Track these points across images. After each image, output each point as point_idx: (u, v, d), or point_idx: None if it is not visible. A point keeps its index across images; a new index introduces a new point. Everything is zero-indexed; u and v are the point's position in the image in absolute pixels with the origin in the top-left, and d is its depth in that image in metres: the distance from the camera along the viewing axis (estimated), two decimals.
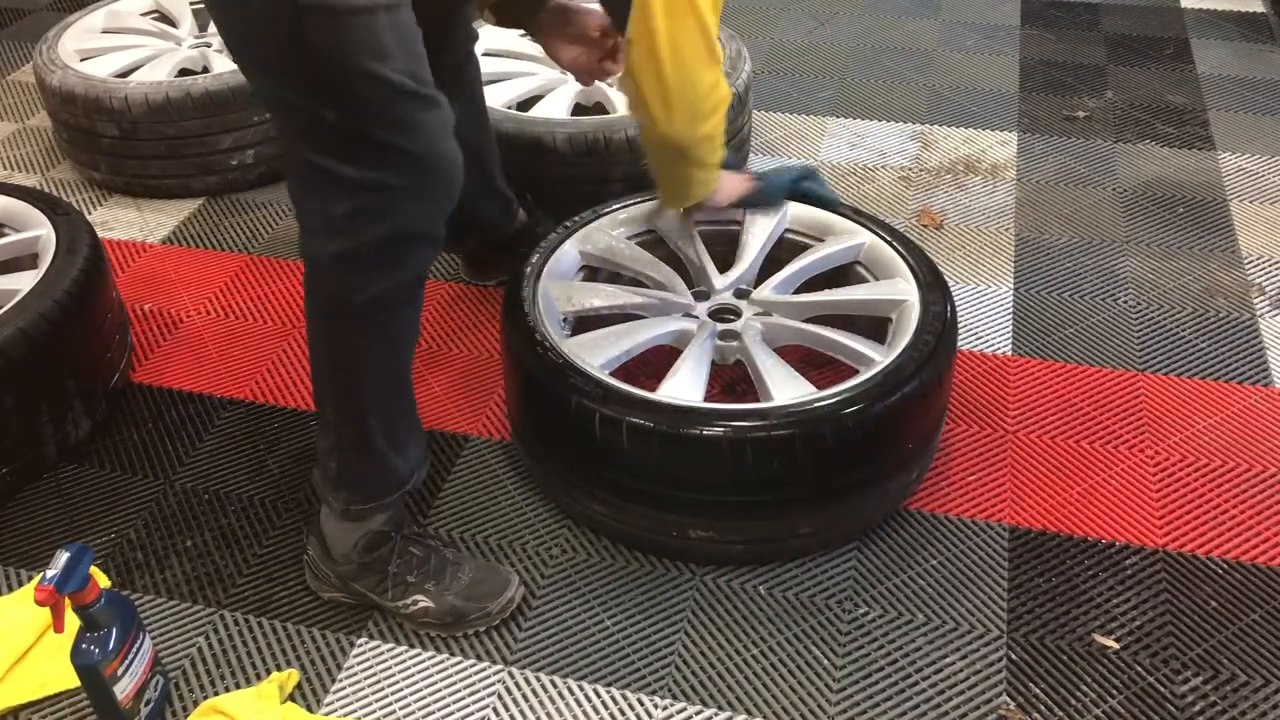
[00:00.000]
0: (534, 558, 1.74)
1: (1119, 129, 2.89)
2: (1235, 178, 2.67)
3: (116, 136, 2.55)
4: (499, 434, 1.96)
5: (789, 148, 2.83)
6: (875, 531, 1.76)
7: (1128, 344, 2.15)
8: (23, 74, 3.29)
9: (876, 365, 1.66)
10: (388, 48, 1.24)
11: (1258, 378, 2.06)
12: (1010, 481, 1.85)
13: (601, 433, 1.58)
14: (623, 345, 1.77)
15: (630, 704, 1.53)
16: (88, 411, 1.93)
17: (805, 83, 3.15)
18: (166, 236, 2.53)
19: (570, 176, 2.33)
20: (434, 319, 2.25)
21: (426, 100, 1.30)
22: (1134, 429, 1.95)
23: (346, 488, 1.54)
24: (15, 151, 2.89)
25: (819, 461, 1.58)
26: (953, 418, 1.97)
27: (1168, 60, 3.25)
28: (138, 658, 1.45)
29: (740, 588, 1.68)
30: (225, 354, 2.17)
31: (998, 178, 2.69)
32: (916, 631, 1.61)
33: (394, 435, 1.52)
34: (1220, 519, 1.77)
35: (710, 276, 1.94)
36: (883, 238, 1.93)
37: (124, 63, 2.76)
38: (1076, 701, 1.52)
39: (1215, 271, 2.35)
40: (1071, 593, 1.66)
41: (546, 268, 1.87)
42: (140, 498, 1.86)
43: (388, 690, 1.55)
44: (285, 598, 1.68)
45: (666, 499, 1.63)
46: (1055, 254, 2.42)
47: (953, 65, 3.25)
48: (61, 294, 1.83)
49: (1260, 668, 1.55)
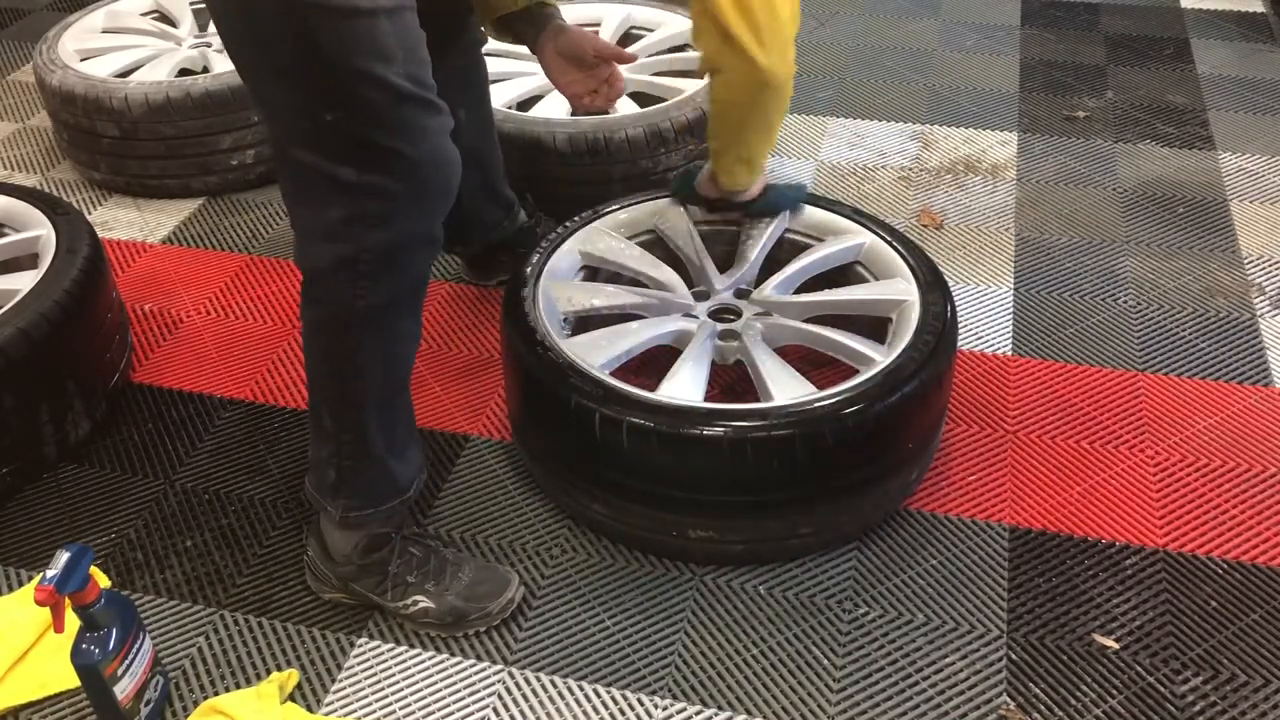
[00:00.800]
0: (534, 558, 1.74)
1: (1119, 129, 2.89)
2: (1235, 178, 2.67)
3: (116, 136, 2.55)
4: (499, 434, 1.96)
5: (789, 148, 2.83)
6: (875, 531, 1.76)
7: (1128, 344, 2.15)
8: (23, 74, 3.29)
9: (876, 365, 1.66)
10: (390, 51, 1.23)
11: (1258, 378, 2.06)
12: (1010, 481, 1.85)
13: (601, 433, 1.58)
14: (623, 345, 1.77)
15: (630, 704, 1.53)
16: (88, 411, 1.93)
17: (805, 83, 3.14)
18: (166, 236, 2.53)
19: (570, 176, 2.33)
20: (434, 319, 2.25)
21: (427, 104, 1.30)
22: (1134, 429, 1.95)
23: (346, 495, 1.53)
24: (15, 151, 2.89)
25: (819, 461, 1.58)
26: (953, 418, 1.97)
27: (1168, 60, 3.25)
28: (138, 658, 1.45)
29: (740, 588, 1.68)
30: (225, 354, 2.17)
31: (998, 178, 2.69)
32: (916, 631, 1.61)
33: (393, 440, 1.52)
34: (1220, 519, 1.77)
35: (710, 276, 1.94)
36: (883, 238, 1.93)
37: (124, 63, 2.76)
38: (1076, 701, 1.52)
39: (1215, 271, 2.35)
40: (1071, 593, 1.66)
41: (546, 268, 1.87)
42: (140, 498, 1.86)
43: (388, 690, 1.55)
44: (285, 598, 1.68)
45: (666, 499, 1.63)
46: (1055, 254, 2.42)
47: (953, 65, 3.25)
48: (61, 294, 1.83)
49: (1260, 668, 1.55)
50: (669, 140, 2.35)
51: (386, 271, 1.35)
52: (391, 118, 1.26)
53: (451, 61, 1.98)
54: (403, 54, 1.25)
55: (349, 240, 1.32)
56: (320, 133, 1.26)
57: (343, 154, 1.27)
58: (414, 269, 1.39)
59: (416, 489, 1.59)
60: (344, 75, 1.22)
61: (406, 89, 1.26)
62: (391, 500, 1.56)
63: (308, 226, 1.36)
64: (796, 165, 2.75)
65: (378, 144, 1.27)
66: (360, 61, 1.22)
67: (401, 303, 1.40)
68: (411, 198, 1.32)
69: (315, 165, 1.28)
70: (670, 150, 2.37)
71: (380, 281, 1.35)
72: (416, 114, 1.28)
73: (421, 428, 1.97)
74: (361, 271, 1.33)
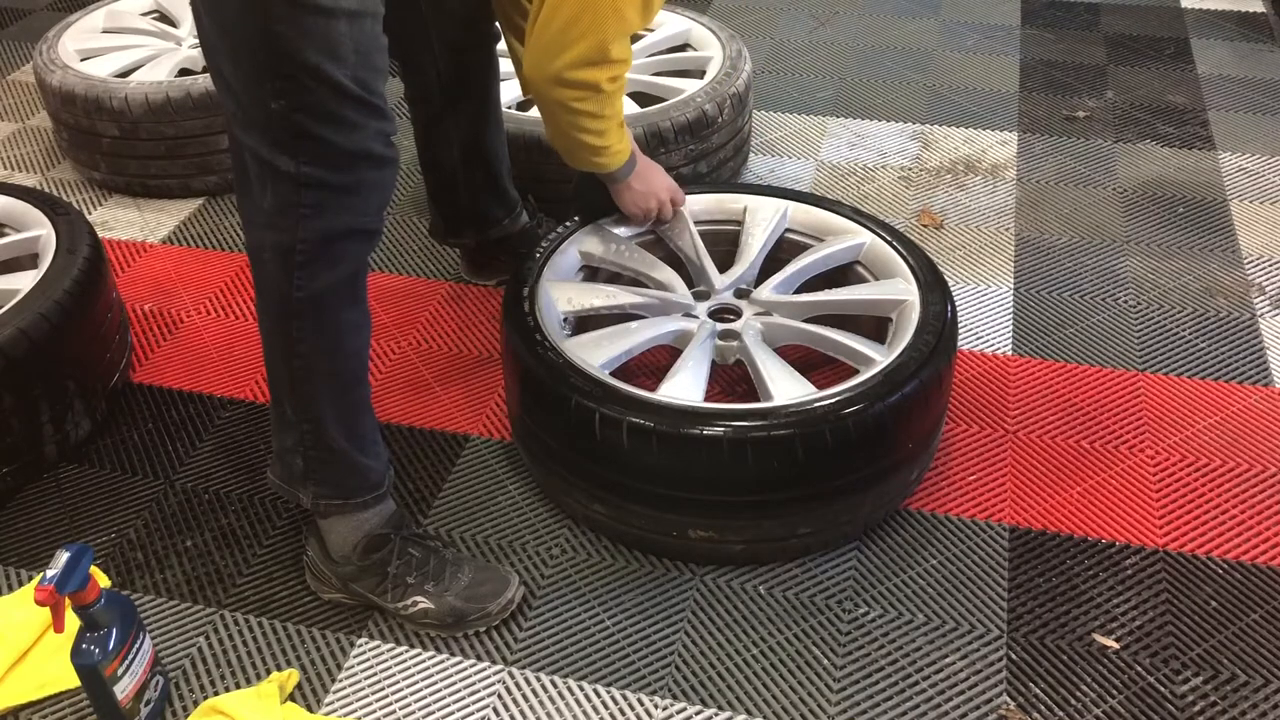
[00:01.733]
0: (534, 558, 1.74)
1: (1119, 129, 2.89)
2: (1235, 178, 2.67)
3: (116, 136, 2.55)
4: (499, 434, 1.96)
5: (789, 147, 2.83)
6: (875, 531, 1.76)
7: (1128, 344, 2.15)
8: (23, 74, 3.29)
9: (876, 365, 1.66)
10: (342, 52, 1.28)
11: (1258, 378, 2.06)
12: (1010, 481, 1.85)
13: (601, 433, 1.58)
14: (623, 345, 1.77)
15: (630, 704, 1.53)
16: (88, 411, 1.92)
17: (805, 83, 3.15)
18: (166, 236, 2.53)
19: (570, 176, 2.33)
20: (434, 319, 2.25)
21: (371, 107, 1.33)
22: (1134, 429, 1.95)
23: (315, 483, 1.55)
24: (15, 151, 2.89)
25: (819, 461, 1.58)
26: (953, 418, 1.97)
27: (1168, 60, 3.25)
28: (138, 658, 1.45)
29: (740, 588, 1.68)
30: (225, 354, 2.17)
31: (998, 178, 2.69)
32: (916, 631, 1.61)
33: (353, 433, 1.53)
34: (1220, 519, 1.77)
35: (710, 276, 1.94)
36: (883, 238, 1.93)
37: (124, 63, 2.76)
38: (1076, 701, 1.52)
39: (1215, 271, 2.35)
40: (1071, 593, 1.66)
41: (546, 268, 1.87)
42: (140, 498, 1.86)
43: (388, 690, 1.55)
44: (285, 598, 1.68)
45: (666, 499, 1.63)
46: (1055, 254, 2.42)
47: (953, 65, 3.25)
48: (61, 294, 1.83)
49: (1260, 668, 1.55)
50: (669, 140, 2.35)
51: (322, 261, 1.38)
52: (333, 112, 1.30)
53: (463, 55, 1.99)
54: (355, 58, 1.29)
55: (285, 229, 1.36)
56: (264, 119, 1.30)
57: (282, 143, 1.31)
58: (350, 260, 1.42)
59: (388, 484, 1.61)
60: (294, 67, 1.26)
61: (352, 90, 1.30)
62: (363, 495, 1.57)
63: (249, 213, 1.41)
64: (797, 165, 2.75)
65: (315, 135, 1.31)
66: (312, 57, 1.26)
67: (339, 293, 1.42)
68: (345, 190, 1.35)
69: (256, 151, 1.33)
70: (670, 150, 2.37)
71: (316, 272, 1.38)
72: (358, 113, 1.32)
73: (422, 428, 1.97)
74: (298, 261, 1.37)
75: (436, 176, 2.13)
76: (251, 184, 1.37)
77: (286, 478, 1.57)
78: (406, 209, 2.59)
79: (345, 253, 1.40)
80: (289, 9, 1.23)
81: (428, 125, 2.06)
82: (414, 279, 2.37)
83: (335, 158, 1.33)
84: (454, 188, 2.13)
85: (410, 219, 2.56)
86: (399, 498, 1.82)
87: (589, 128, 1.74)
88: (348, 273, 1.42)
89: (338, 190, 1.35)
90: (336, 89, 1.28)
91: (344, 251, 1.40)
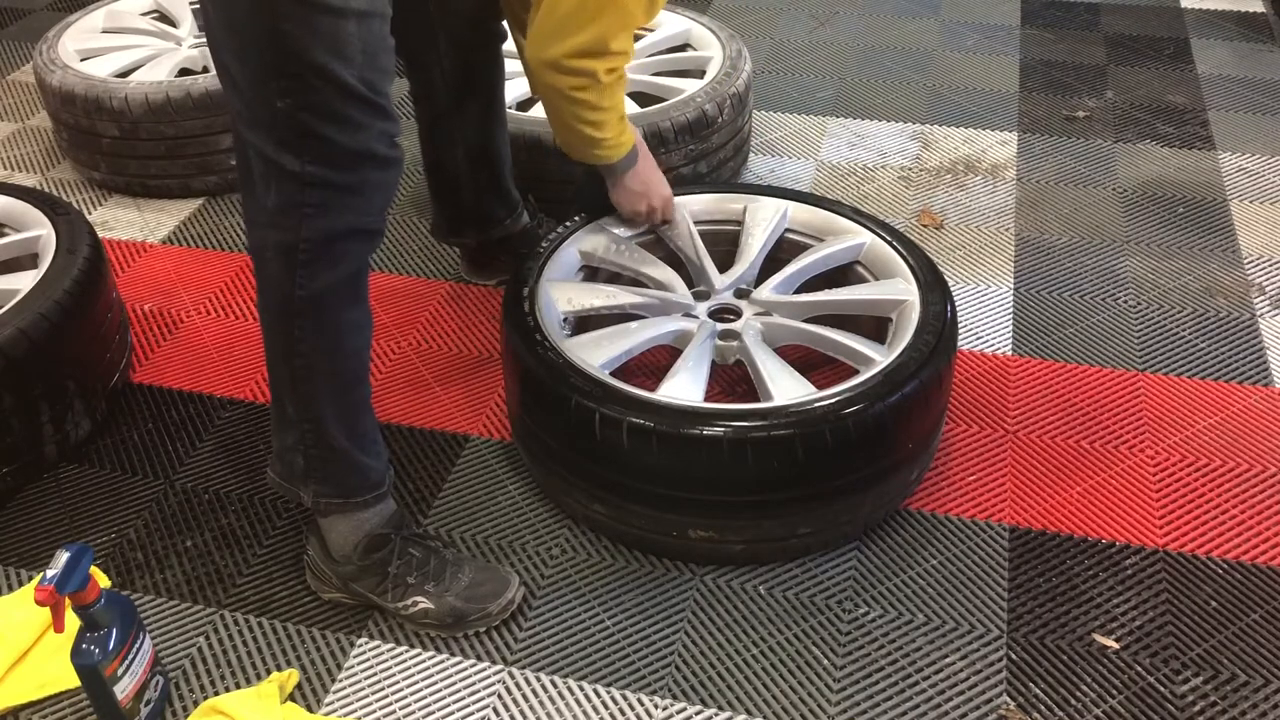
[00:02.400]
0: (534, 558, 1.74)
1: (1119, 129, 2.89)
2: (1235, 178, 2.67)
3: (116, 136, 2.55)
4: (499, 434, 1.96)
5: (789, 148, 2.83)
6: (875, 531, 1.76)
7: (1128, 344, 2.15)
8: (23, 74, 3.30)
9: (876, 365, 1.66)
10: (349, 52, 1.27)
11: (1258, 378, 2.06)
12: (1010, 481, 1.85)
13: (601, 433, 1.58)
14: (623, 345, 1.77)
15: (630, 704, 1.53)
16: (88, 411, 1.92)
17: (805, 83, 3.15)
18: (166, 236, 2.53)
19: (570, 176, 2.33)
20: (434, 319, 2.25)
21: (376, 107, 1.33)
22: (1134, 429, 1.95)
23: (316, 481, 1.55)
24: (15, 151, 2.89)
25: (819, 461, 1.58)
26: (953, 418, 1.97)
27: (1168, 60, 3.25)
28: (138, 658, 1.45)
29: (740, 588, 1.68)
30: (225, 354, 2.17)
31: (998, 178, 2.69)
32: (916, 631, 1.61)
33: (354, 432, 1.53)
34: (1220, 519, 1.77)
35: (710, 276, 1.94)
36: (883, 238, 1.93)
37: (124, 63, 2.76)
38: (1076, 701, 1.52)
39: (1215, 271, 2.35)
40: (1071, 593, 1.66)
41: (546, 268, 1.87)
42: (140, 498, 1.86)
43: (388, 690, 1.55)
44: (285, 598, 1.68)
45: (666, 499, 1.63)
46: (1055, 254, 2.42)
47: (953, 65, 3.25)
48: (61, 294, 1.83)
49: (1260, 668, 1.55)
50: (669, 140, 2.35)
51: (324, 261, 1.38)
52: (338, 112, 1.30)
53: (470, 54, 1.99)
54: (363, 58, 1.29)
55: (288, 229, 1.36)
56: (270, 117, 1.30)
57: (287, 142, 1.31)
58: (352, 259, 1.42)
59: (389, 484, 1.61)
60: (301, 66, 1.26)
61: (358, 90, 1.30)
62: (363, 494, 1.57)
63: (252, 213, 1.41)
64: (796, 165, 2.75)
65: (320, 135, 1.30)
66: (319, 56, 1.25)
67: (341, 293, 1.42)
68: (349, 189, 1.35)
69: (261, 149, 1.33)
70: (670, 150, 2.37)
71: (318, 271, 1.38)
72: (363, 114, 1.32)
73: (422, 428, 1.97)
74: (301, 260, 1.37)
75: (440, 175, 2.13)
76: (255, 183, 1.37)
77: (287, 476, 1.57)
78: (407, 209, 2.59)
79: (347, 252, 1.40)
80: (298, 8, 1.23)
81: (433, 124, 2.06)
82: (414, 279, 2.37)
83: (340, 157, 1.33)
84: (458, 187, 2.13)
85: (411, 219, 2.56)
86: (399, 498, 1.82)
87: (587, 118, 1.75)
88: (349, 272, 1.42)
89: (341, 190, 1.35)
90: (343, 89, 1.28)
91: (346, 251, 1.40)
